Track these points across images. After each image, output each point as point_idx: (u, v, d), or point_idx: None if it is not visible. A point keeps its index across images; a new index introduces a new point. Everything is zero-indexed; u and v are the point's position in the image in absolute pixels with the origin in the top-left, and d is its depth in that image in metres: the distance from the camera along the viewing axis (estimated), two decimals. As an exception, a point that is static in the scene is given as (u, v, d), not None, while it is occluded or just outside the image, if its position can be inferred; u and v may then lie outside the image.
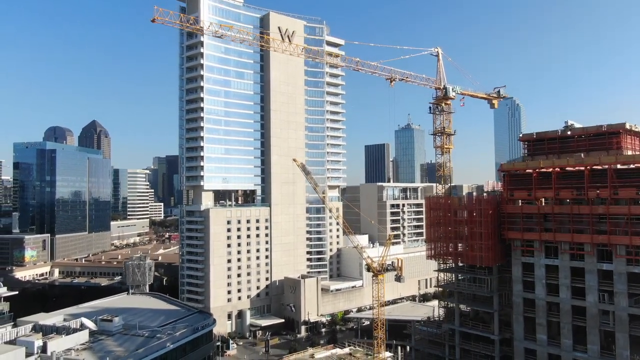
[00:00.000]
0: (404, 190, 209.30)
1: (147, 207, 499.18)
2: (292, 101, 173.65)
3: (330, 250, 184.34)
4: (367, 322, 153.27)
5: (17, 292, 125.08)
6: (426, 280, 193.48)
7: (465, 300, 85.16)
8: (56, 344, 72.73)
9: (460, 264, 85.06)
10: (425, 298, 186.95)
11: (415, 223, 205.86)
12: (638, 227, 64.88)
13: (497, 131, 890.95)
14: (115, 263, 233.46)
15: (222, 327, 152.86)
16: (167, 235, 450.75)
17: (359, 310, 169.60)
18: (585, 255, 70.15)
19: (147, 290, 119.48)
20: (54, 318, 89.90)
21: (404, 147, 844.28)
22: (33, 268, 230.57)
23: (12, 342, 75.23)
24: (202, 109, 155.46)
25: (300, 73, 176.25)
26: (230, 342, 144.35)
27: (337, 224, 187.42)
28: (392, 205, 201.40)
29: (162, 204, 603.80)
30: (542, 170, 74.34)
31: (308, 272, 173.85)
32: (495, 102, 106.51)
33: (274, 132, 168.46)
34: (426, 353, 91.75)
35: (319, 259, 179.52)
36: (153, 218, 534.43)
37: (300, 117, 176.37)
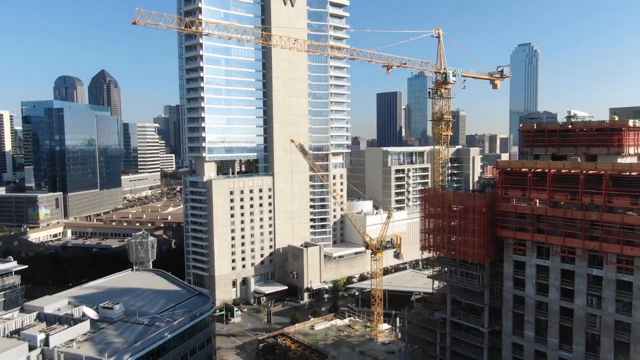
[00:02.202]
0: (410, 154, 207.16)
1: (158, 160, 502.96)
2: (295, 67, 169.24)
3: (334, 216, 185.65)
4: (368, 289, 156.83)
5: (27, 266, 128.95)
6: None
7: (457, 291, 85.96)
8: (58, 337, 75.57)
9: (453, 256, 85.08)
10: (428, 262, 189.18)
11: (420, 187, 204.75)
12: (630, 236, 63.77)
13: (513, 78, 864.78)
14: (125, 224, 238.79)
15: (227, 294, 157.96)
16: (178, 188, 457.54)
17: (362, 277, 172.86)
18: (576, 259, 69.68)
19: (151, 267, 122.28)
20: (58, 303, 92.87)
21: (416, 95, 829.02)
22: (46, 229, 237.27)
23: (16, 333, 78.50)
24: (202, 78, 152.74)
25: (302, 36, 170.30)
26: (235, 309, 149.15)
27: (341, 190, 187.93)
28: (397, 171, 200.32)
29: (173, 155, 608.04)
30: (538, 170, 72.49)
31: (312, 239, 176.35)
32: (497, 82, 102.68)
33: (276, 100, 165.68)
34: (419, 338, 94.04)
35: (323, 226, 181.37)
36: (165, 169, 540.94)
37: (303, 84, 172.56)
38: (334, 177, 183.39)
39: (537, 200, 73.75)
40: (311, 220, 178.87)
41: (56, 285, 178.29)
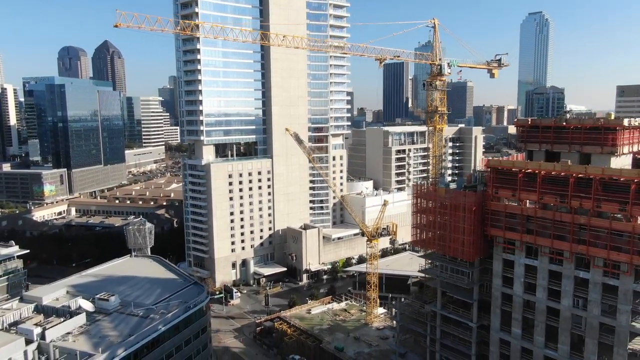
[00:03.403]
0: (411, 134, 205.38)
1: (162, 133, 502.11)
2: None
3: (334, 197, 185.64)
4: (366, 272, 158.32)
5: (28, 251, 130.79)
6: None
7: (447, 286, 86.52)
8: (54, 331, 77.53)
9: (443, 252, 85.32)
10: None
11: (421, 167, 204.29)
12: (617, 242, 63.51)
13: (522, 47, 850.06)
14: (128, 202, 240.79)
15: (227, 275, 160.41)
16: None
17: (361, 258, 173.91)
18: (564, 261, 69.71)
19: (149, 253, 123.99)
20: (56, 292, 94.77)
21: (423, 65, 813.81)
22: (51, 207, 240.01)
23: (14, 325, 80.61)
24: (199, 61, 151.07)
25: (302, 17, 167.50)
26: (234, 291, 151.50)
27: (341, 171, 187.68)
28: (398, 151, 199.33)
29: (178, 127, 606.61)
30: (528, 171, 71.75)
31: (311, 221, 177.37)
32: (495, 71, 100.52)
33: (274, 82, 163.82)
34: (410, 328, 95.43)
35: (322, 207, 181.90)
36: (169, 142, 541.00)
37: (303, 64, 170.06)
38: (334, 158, 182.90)
39: (527, 200, 73.25)
40: (311, 201, 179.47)
41: (60, 264, 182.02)
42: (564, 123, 77.22)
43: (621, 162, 73.74)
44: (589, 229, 65.67)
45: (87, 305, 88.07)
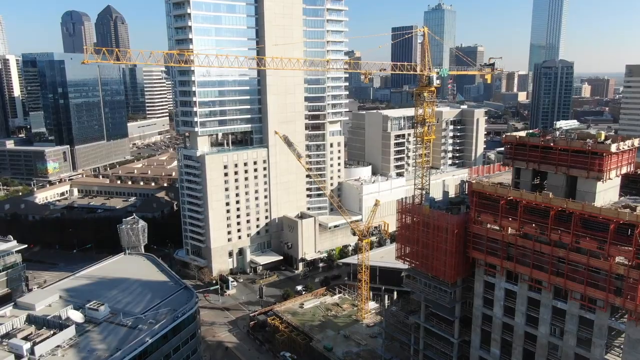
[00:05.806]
0: (410, 118, 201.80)
1: (166, 103, 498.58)
2: (289, 34, 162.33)
3: (332, 184, 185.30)
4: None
5: (26, 245, 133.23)
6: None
7: (430, 301, 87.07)
8: (44, 346, 79.76)
9: (425, 270, 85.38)
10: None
11: (420, 152, 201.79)
12: (595, 278, 63.06)
13: (535, 10, 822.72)
14: (130, 182, 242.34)
15: (224, 264, 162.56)
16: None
17: (357, 246, 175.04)
18: (542, 290, 69.64)
19: (142, 250, 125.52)
20: (49, 298, 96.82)
21: (433, 29, 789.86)
22: (54, 188, 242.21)
23: (5, 337, 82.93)
24: (192, 50, 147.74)
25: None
26: (230, 280, 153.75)
27: (339, 158, 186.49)
28: (397, 136, 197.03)
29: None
30: (510, 198, 70.72)
31: (308, 209, 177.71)
32: (488, 76, 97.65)
33: (270, 70, 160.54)
34: (395, 336, 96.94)
35: (319, 195, 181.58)
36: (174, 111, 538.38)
37: (299, 51, 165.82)
38: (331, 145, 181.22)
39: (509, 228, 72.50)
40: (307, 189, 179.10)
41: (62, 248, 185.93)
42: (552, 143, 75.25)
43: (608, 186, 72.25)
44: (567, 263, 65.19)
45: (77, 316, 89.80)
